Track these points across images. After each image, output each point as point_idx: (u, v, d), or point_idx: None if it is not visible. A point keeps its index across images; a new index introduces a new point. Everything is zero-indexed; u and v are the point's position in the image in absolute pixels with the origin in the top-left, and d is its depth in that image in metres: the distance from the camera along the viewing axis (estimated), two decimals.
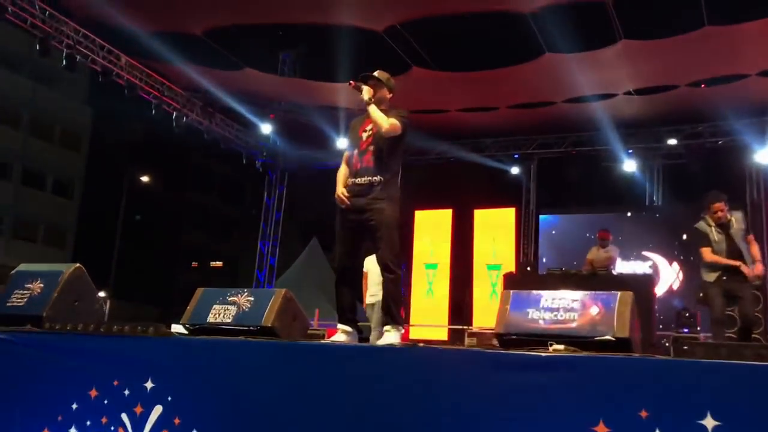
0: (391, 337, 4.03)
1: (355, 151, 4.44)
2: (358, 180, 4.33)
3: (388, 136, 4.29)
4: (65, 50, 10.42)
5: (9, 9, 9.79)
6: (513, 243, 13.24)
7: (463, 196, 14.23)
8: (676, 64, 9.84)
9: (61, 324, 4.09)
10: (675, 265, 12.38)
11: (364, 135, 4.44)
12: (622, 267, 11.47)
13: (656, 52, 9.49)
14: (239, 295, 4.02)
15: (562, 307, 3.30)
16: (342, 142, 13.45)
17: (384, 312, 4.22)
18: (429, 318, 13.50)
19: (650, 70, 10.05)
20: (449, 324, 13.38)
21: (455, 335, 12.89)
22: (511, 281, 9.42)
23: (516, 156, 13.44)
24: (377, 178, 4.27)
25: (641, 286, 8.50)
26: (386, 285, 4.19)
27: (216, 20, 9.89)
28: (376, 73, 4.49)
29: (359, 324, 4.35)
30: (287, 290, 4.01)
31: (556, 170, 13.32)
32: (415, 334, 12.84)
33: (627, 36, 9.02)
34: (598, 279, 8.68)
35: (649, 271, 12.13)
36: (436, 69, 10.18)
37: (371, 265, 8.25)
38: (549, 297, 3.36)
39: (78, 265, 4.58)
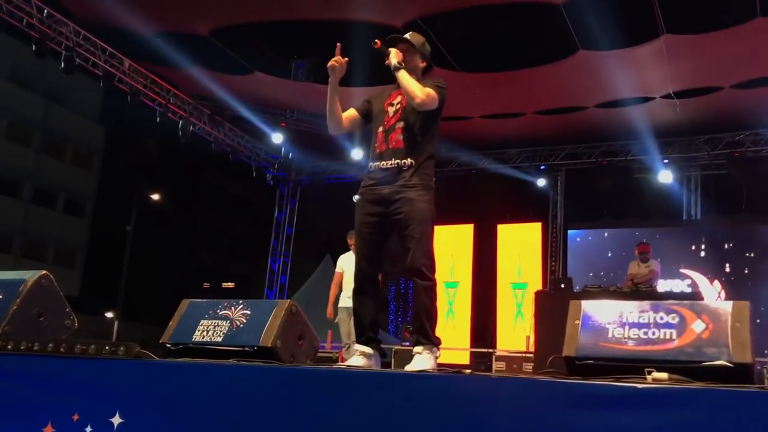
0: (424, 361, 3.22)
1: (379, 129, 3.63)
2: (384, 164, 3.52)
3: (423, 109, 3.49)
4: (64, 52, 9.79)
5: (3, 7, 9.18)
6: (539, 260, 12.40)
7: (486, 210, 13.45)
8: (720, 63, 9.04)
9: (14, 343, 3.31)
10: (716, 283, 11.47)
11: (391, 109, 3.64)
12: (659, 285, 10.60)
13: (700, 49, 8.70)
14: (233, 308, 3.23)
15: (653, 321, 2.47)
16: (357, 153, 12.73)
17: (415, 329, 3.40)
18: (449, 341, 12.59)
19: (693, 70, 9.25)
20: (471, 347, 12.52)
21: (477, 359, 12.04)
22: (543, 300, 8.57)
23: (542, 167, 12.63)
24: (408, 161, 3.48)
25: None
26: (418, 294, 3.38)
27: (224, 18, 9.21)
28: (407, 36, 3.70)
29: (382, 346, 3.54)
30: (292, 301, 3.22)
31: (586, 182, 12.47)
32: None
33: (669, 30, 8.24)
34: (641, 296, 7.82)
35: (688, 289, 11.23)
36: (459, 69, 9.41)
37: (347, 264, 7.66)
38: (634, 309, 2.54)
39: (44, 272, 3.80)
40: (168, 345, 3.23)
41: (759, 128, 11.15)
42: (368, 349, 3.40)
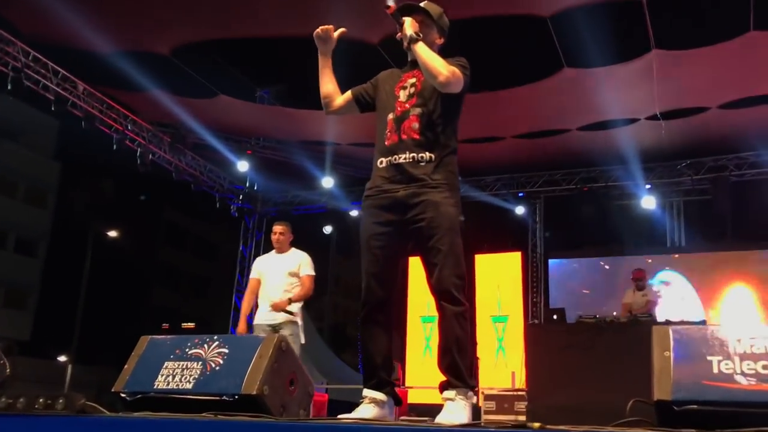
0: (459, 410, 2.59)
1: (389, 117, 3.00)
2: (396, 158, 2.89)
3: (447, 91, 2.88)
4: (11, 74, 9.02)
5: None
6: (520, 291, 11.84)
7: (462, 240, 12.87)
8: (710, 80, 8.68)
9: None
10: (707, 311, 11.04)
11: (403, 93, 3.02)
12: None
13: (690, 65, 8.32)
14: (206, 346, 2.55)
15: None
16: (328, 181, 12.11)
17: (444, 367, 2.74)
18: (426, 379, 11.92)
19: (681, 88, 8.87)
20: None
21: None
22: (534, 333, 7.98)
23: (521, 194, 12.15)
24: (427, 155, 2.85)
25: None
26: (448, 323, 2.73)
27: (187, 35, 8.57)
28: (423, 4, 3.10)
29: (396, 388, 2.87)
30: (281, 336, 2.55)
31: (566, 209, 12.00)
32: (411, 397, 11.27)
33: (659, 45, 7.85)
34: (641, 327, 7.27)
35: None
36: None
37: (264, 268, 6.35)
38: (742, 335, 1.95)
39: None
40: (123, 395, 2.53)
41: (742, 152, 10.85)
42: (381, 396, 2.74)
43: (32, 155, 30.26)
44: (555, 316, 7.85)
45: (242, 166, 11.89)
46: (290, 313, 5.97)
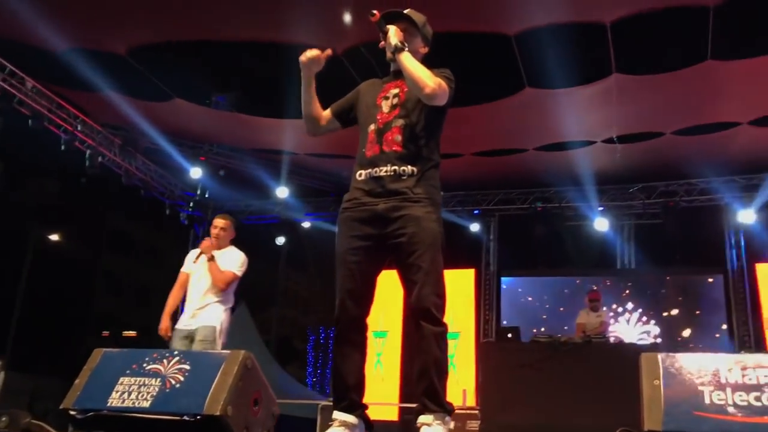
0: None
1: (370, 128, 2.90)
2: (377, 171, 2.79)
3: (432, 103, 2.80)
4: None
5: None
6: (473, 308, 11.83)
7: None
8: (666, 107, 8.86)
9: None
10: (652, 334, 11.21)
11: (385, 104, 2.92)
12: None
13: (648, 91, 8.46)
14: (165, 361, 2.39)
15: (766, 382, 1.84)
16: (282, 191, 11.92)
17: (421, 390, 2.62)
18: (377, 395, 11.78)
19: (638, 113, 9.02)
20: (400, 402, 11.71)
21: (407, 415, 11.24)
22: (488, 351, 7.93)
23: (476, 212, 12.16)
24: (409, 169, 2.76)
25: None
26: (426, 344, 2.62)
27: (144, 35, 8.31)
28: (406, 12, 3.00)
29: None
30: (247, 353, 2.41)
31: (520, 228, 12.06)
32: None
33: (620, 70, 7.96)
34: (594, 348, 7.31)
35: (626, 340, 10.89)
36: None
37: (194, 266, 5.74)
38: (733, 364, 1.89)
39: None
40: (73, 412, 2.35)
41: (692, 178, 11.08)
42: (352, 419, 2.60)
43: None
44: (509, 335, 7.82)
45: (195, 172, 11.61)
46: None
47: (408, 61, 2.80)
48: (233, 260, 5.62)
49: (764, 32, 7.50)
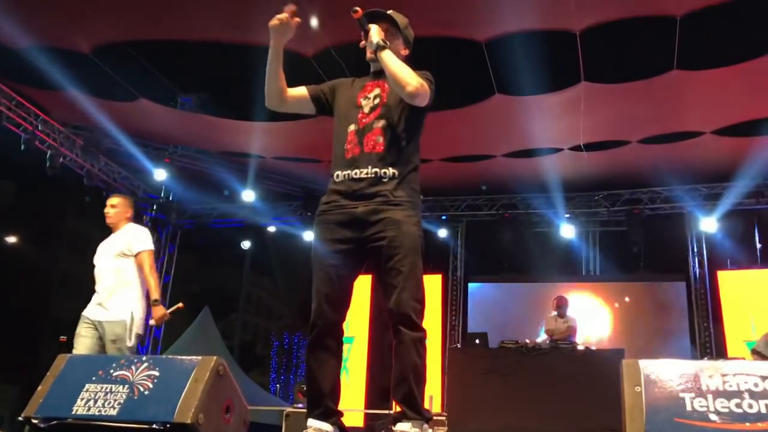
0: None
1: (350, 128, 2.84)
2: (357, 173, 2.74)
3: (413, 102, 2.75)
4: None
5: None
6: (440, 313, 11.82)
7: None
8: (632, 116, 8.96)
9: None
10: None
11: (366, 104, 2.87)
12: None
13: (615, 100, 8.56)
14: (133, 368, 2.30)
15: (746, 389, 1.83)
16: (248, 195, 11.78)
17: (399, 398, 2.57)
18: (342, 401, 11.68)
19: (605, 121, 9.11)
20: (366, 407, 11.64)
21: (373, 421, 11.19)
22: (455, 357, 7.92)
23: (444, 217, 12.17)
24: (389, 171, 2.71)
25: (611, 362, 7.17)
26: (404, 350, 2.58)
27: (109, 34, 8.14)
28: (390, 13, 2.95)
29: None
30: (219, 358, 2.34)
31: (487, 234, 12.11)
32: None
33: (588, 78, 8.03)
34: (561, 353, 7.35)
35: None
36: None
37: (98, 251, 5.28)
38: (714, 371, 1.88)
39: None
40: (35, 420, 2.25)
41: (656, 186, 11.23)
42: (327, 426, 2.55)
43: None
44: (477, 341, 7.82)
45: (159, 174, 11.40)
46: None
47: (390, 59, 2.76)
48: (136, 238, 5.09)
49: (729, 43, 7.65)
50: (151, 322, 5.05)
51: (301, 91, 3.02)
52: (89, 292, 5.26)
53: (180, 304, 5.62)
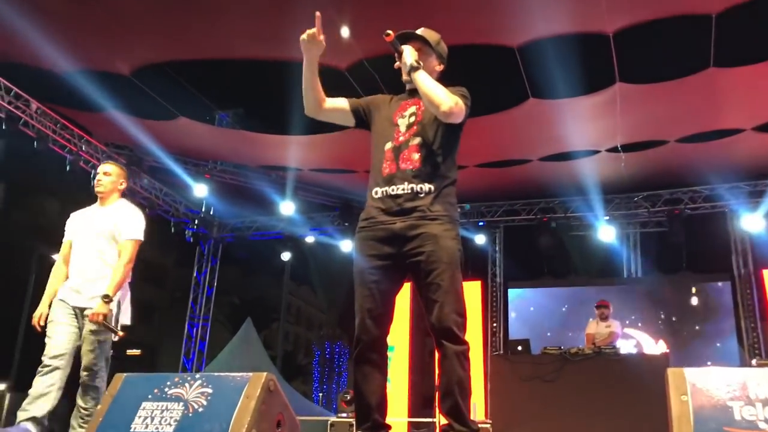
0: None
1: (387, 146, 2.90)
2: (394, 189, 2.78)
3: (449, 120, 2.79)
4: None
5: None
6: (480, 320, 11.79)
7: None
8: (669, 115, 8.85)
9: None
10: (661, 342, 11.16)
11: (402, 122, 2.92)
12: None
13: (651, 99, 8.47)
14: (187, 385, 2.38)
15: None
16: (287, 207, 11.93)
17: (446, 410, 2.61)
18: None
19: (642, 122, 9.02)
20: (409, 416, 11.66)
21: (416, 429, 11.22)
22: (498, 365, 7.91)
23: (481, 223, 12.16)
24: (426, 187, 2.75)
25: (655, 367, 7.07)
26: (449, 363, 2.62)
27: (149, 56, 8.35)
28: (420, 31, 2.99)
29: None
30: (269, 374, 2.40)
31: (525, 239, 12.07)
32: None
33: (623, 78, 7.97)
34: (604, 359, 7.28)
35: (634, 350, 10.85)
36: None
37: (78, 224, 4.54)
38: (762, 379, 1.88)
39: None
40: None
41: (697, 185, 11.08)
42: None
43: None
44: (520, 347, 7.79)
45: (200, 190, 11.62)
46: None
47: (424, 80, 2.80)
48: (127, 224, 4.44)
49: (766, 38, 7.53)
50: (87, 313, 4.18)
51: (341, 102, 3.09)
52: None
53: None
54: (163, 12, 7.47)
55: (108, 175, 4.57)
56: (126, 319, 4.41)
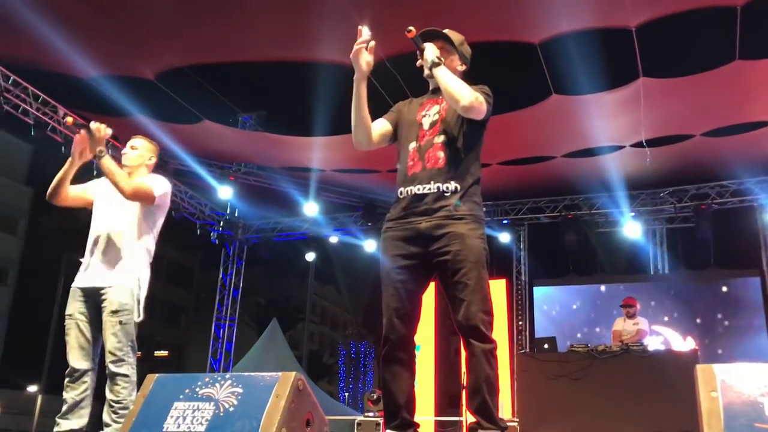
0: None
1: (411, 146, 2.90)
2: (419, 189, 2.79)
3: (469, 116, 2.79)
4: None
5: None
6: (506, 318, 11.73)
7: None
8: (694, 109, 8.76)
9: None
10: (689, 339, 11.04)
11: (426, 121, 2.92)
12: None
13: (676, 94, 8.39)
14: (218, 385, 2.41)
15: None
16: (310, 208, 11.99)
17: (474, 408, 2.63)
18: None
19: (666, 116, 8.94)
20: (436, 415, 11.65)
21: (441, 428, 11.23)
22: (525, 363, 7.88)
23: (505, 222, 12.11)
24: (451, 185, 2.76)
25: (684, 365, 6.98)
26: (477, 362, 2.63)
27: (172, 60, 8.44)
28: (445, 31, 2.99)
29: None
30: (298, 374, 2.43)
31: (550, 237, 12.00)
32: None
33: (646, 73, 7.90)
34: (632, 356, 7.23)
35: (662, 347, 10.74)
36: None
37: (103, 188, 4.21)
38: None
39: None
40: None
41: (724, 180, 10.94)
42: None
43: (3, 180, 29.75)
44: (546, 345, 7.76)
45: (224, 192, 11.72)
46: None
47: (444, 75, 2.80)
48: (151, 180, 4.12)
49: None
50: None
51: (385, 127, 3.03)
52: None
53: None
54: (185, 16, 7.56)
55: (135, 149, 4.32)
56: (139, 314, 3.88)
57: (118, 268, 3.86)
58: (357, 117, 2.89)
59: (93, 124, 3.89)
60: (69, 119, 3.78)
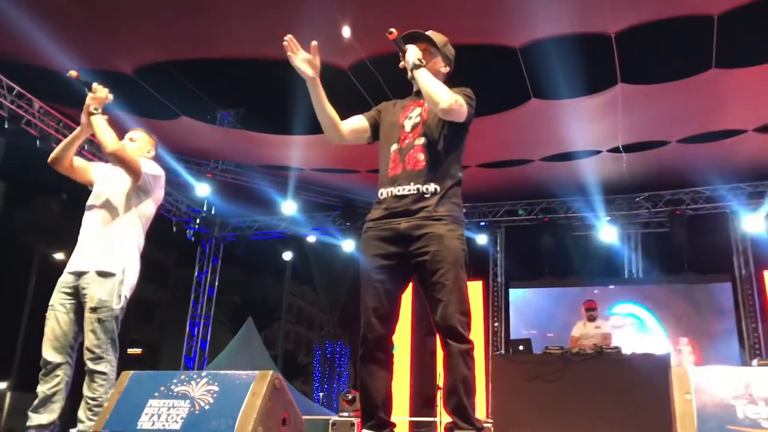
0: None
1: (392, 148, 2.91)
2: (399, 190, 2.80)
3: (448, 118, 2.81)
4: None
5: None
6: (481, 320, 11.80)
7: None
8: (671, 116, 8.88)
9: None
10: (664, 342, 11.18)
11: (408, 123, 2.94)
12: None
13: (653, 100, 8.49)
14: (193, 383, 2.39)
15: None
16: (288, 206, 11.95)
17: (450, 408, 2.63)
18: None
19: (643, 122, 9.04)
20: (411, 415, 11.69)
21: (418, 428, 11.27)
22: (500, 364, 7.89)
23: (482, 223, 12.17)
24: (431, 187, 2.78)
25: (657, 367, 7.08)
26: (453, 362, 2.64)
27: (151, 54, 8.37)
28: (429, 33, 3.01)
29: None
30: (275, 372, 2.42)
31: (526, 239, 12.08)
32: None
33: (624, 79, 7.99)
34: (607, 359, 7.29)
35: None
36: None
37: (104, 170, 4.23)
38: (765, 377, 1.90)
39: None
40: None
41: (698, 186, 11.09)
42: None
43: None
44: (521, 347, 7.79)
45: (202, 189, 11.63)
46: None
47: (424, 77, 2.81)
48: (144, 160, 4.13)
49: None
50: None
51: (360, 122, 3.07)
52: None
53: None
54: (165, 11, 7.49)
55: (133, 141, 4.28)
56: (120, 301, 3.89)
57: (104, 253, 3.87)
58: (321, 117, 2.94)
59: (95, 84, 4.00)
60: (73, 72, 3.81)
